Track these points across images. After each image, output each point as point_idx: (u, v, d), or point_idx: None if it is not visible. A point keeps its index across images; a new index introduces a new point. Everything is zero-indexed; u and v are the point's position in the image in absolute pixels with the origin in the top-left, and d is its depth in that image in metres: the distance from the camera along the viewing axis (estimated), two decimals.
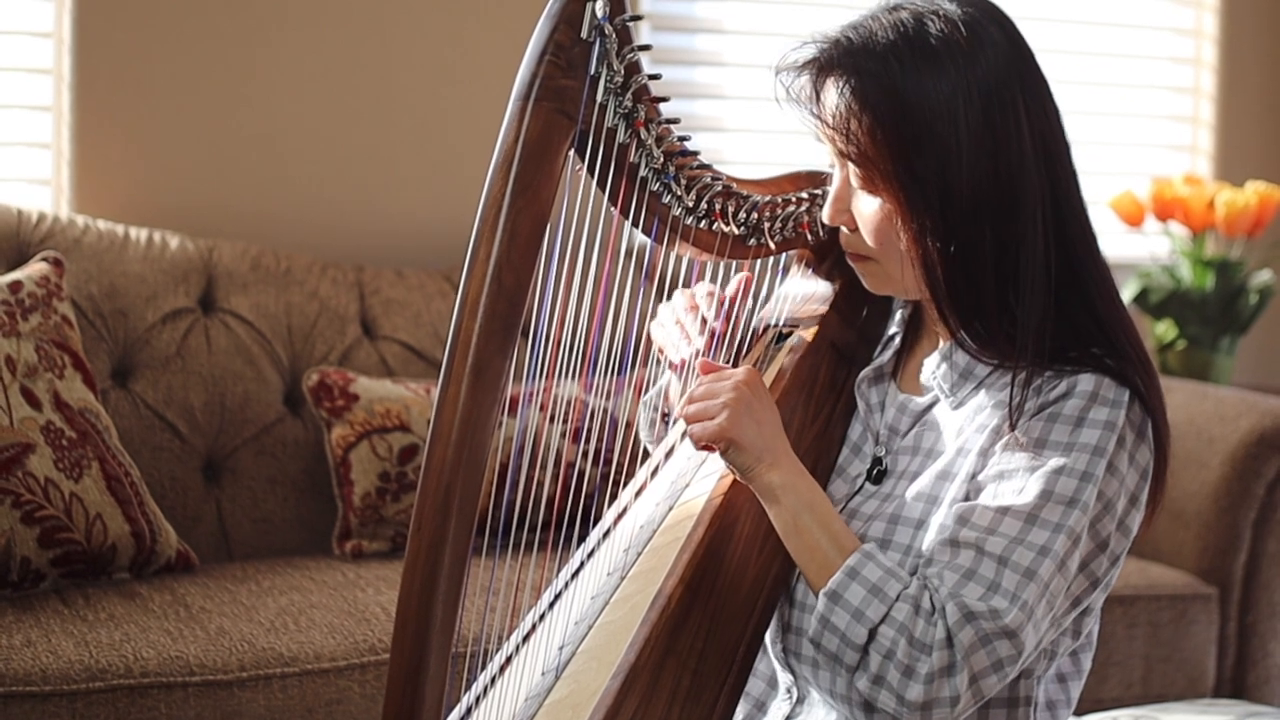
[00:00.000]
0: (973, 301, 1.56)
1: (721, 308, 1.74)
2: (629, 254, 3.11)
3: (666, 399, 1.85)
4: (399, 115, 3.27)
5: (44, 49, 3.04)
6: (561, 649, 1.59)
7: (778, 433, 1.56)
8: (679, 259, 1.72)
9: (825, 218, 1.63)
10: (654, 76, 1.55)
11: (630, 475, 1.80)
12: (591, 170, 1.53)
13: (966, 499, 1.54)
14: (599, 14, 1.48)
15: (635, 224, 1.61)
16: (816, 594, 1.51)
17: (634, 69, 1.52)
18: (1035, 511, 1.49)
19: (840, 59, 1.55)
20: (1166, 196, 3.64)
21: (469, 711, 1.60)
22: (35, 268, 2.67)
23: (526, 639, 1.65)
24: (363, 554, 2.80)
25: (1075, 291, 1.56)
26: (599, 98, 1.50)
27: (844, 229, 1.62)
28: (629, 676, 1.50)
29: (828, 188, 1.64)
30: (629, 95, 1.53)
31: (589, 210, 1.55)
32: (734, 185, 1.67)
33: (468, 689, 1.64)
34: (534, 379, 2.62)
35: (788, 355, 1.72)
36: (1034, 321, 1.54)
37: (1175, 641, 2.98)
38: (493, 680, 1.62)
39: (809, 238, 1.74)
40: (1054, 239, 1.55)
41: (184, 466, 2.84)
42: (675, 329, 1.76)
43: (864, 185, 1.58)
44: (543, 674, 1.57)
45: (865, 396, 1.70)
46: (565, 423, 2.85)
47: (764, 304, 1.82)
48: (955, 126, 1.51)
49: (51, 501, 2.46)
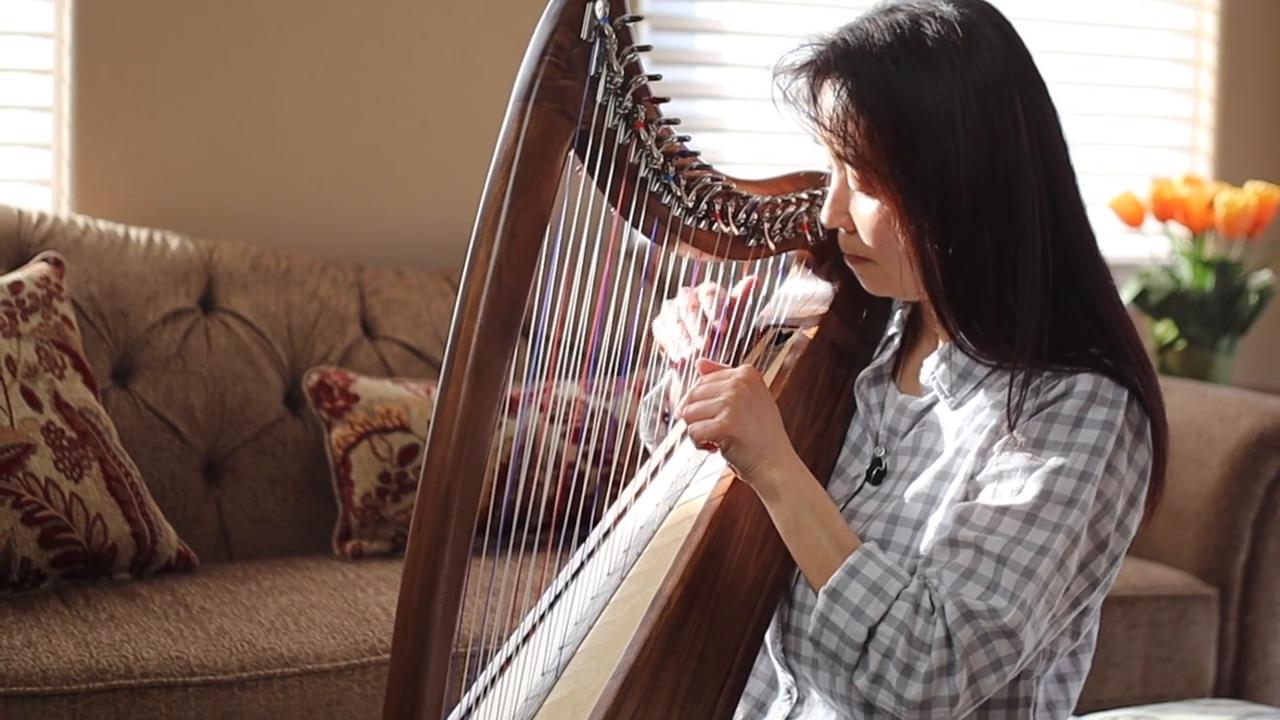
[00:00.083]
0: (971, 302, 1.56)
1: (723, 307, 1.74)
2: (629, 254, 3.11)
3: (667, 399, 1.85)
4: (399, 115, 3.27)
5: (44, 49, 3.04)
6: (561, 649, 1.59)
7: (778, 431, 1.56)
8: (679, 259, 1.72)
9: (823, 219, 1.63)
10: (654, 77, 1.55)
11: (630, 476, 1.80)
12: (591, 171, 1.53)
13: (965, 499, 1.54)
14: (599, 15, 1.48)
15: (635, 224, 1.61)
16: (816, 592, 1.51)
17: (634, 69, 1.52)
18: (1034, 511, 1.49)
19: (837, 61, 1.55)
20: (1166, 197, 3.64)
21: (469, 712, 1.60)
22: (36, 268, 2.67)
23: (526, 639, 1.65)
24: (363, 554, 2.80)
25: (1074, 292, 1.56)
26: (599, 98, 1.50)
27: (842, 231, 1.63)
28: (629, 677, 1.50)
29: (827, 189, 1.64)
30: (629, 96, 1.53)
31: (589, 211, 1.55)
32: (734, 186, 1.66)
33: (468, 689, 1.64)
34: (534, 379, 2.62)
35: (788, 356, 1.72)
36: (1032, 322, 1.54)
37: (1175, 642, 2.98)
38: (493, 680, 1.62)
39: (809, 238, 1.74)
40: (1052, 239, 1.55)
41: (184, 467, 2.84)
42: (677, 327, 1.76)
43: (862, 187, 1.58)
44: (543, 674, 1.57)
45: (865, 397, 1.70)
46: (565, 423, 2.85)
47: (764, 304, 1.82)
48: (952, 127, 1.51)
49: (52, 502, 2.46)
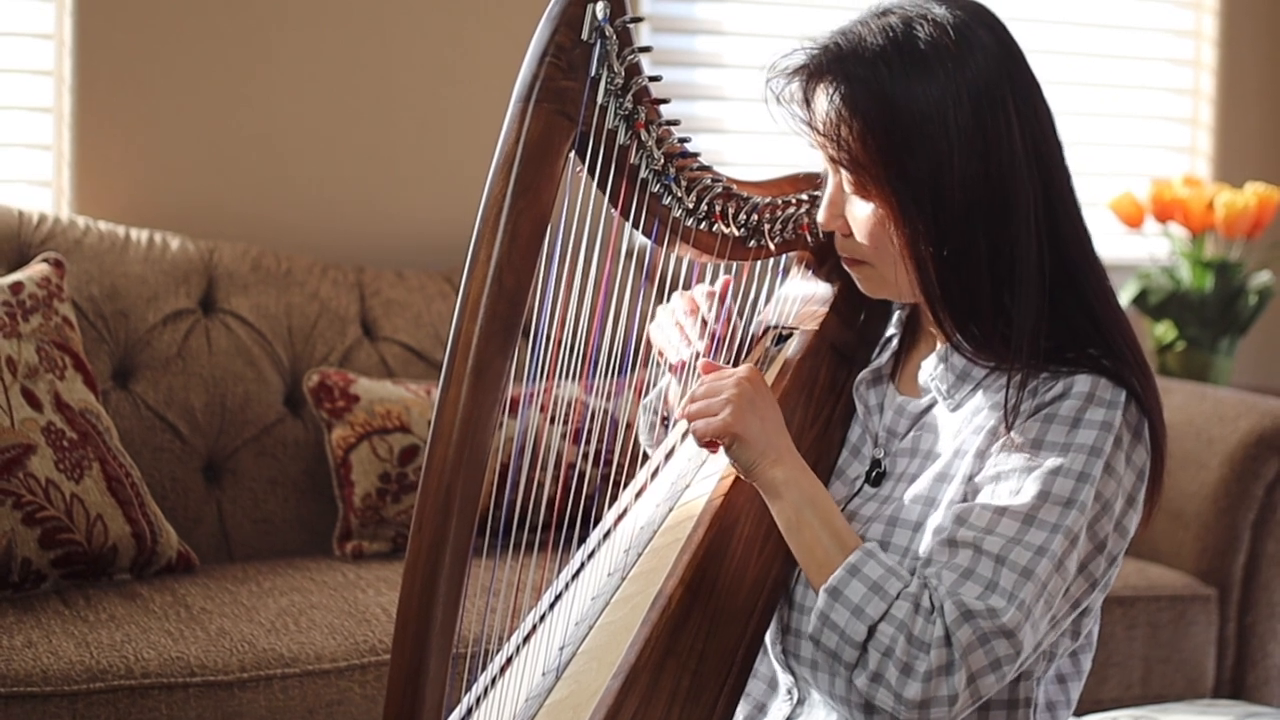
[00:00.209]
0: (967, 304, 1.56)
1: (722, 308, 1.74)
2: (629, 255, 3.11)
3: (666, 402, 1.85)
4: (399, 116, 3.28)
5: (45, 50, 3.04)
6: (562, 649, 1.59)
7: (780, 429, 1.56)
8: (679, 260, 1.72)
9: (819, 223, 1.63)
10: (654, 78, 1.55)
11: (630, 476, 1.80)
12: (592, 172, 1.53)
13: (964, 500, 1.54)
14: (599, 16, 1.48)
15: (635, 225, 1.61)
16: (817, 590, 1.51)
17: (634, 71, 1.53)
18: (1033, 512, 1.49)
19: (829, 65, 1.55)
20: (1166, 198, 3.64)
21: (469, 712, 1.60)
22: (36, 269, 2.67)
23: (527, 640, 1.65)
24: (363, 555, 2.80)
25: (1070, 292, 1.56)
26: (599, 99, 1.50)
27: (838, 233, 1.63)
28: (629, 677, 1.50)
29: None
30: (629, 97, 1.53)
31: (589, 212, 1.55)
32: (734, 187, 1.67)
33: (468, 690, 1.64)
34: (534, 380, 2.62)
35: (787, 357, 1.72)
36: (1028, 323, 1.54)
37: (1175, 642, 2.98)
38: (493, 681, 1.62)
39: (809, 239, 1.74)
40: (1047, 240, 1.55)
41: (185, 467, 2.84)
42: (674, 331, 1.76)
43: (856, 190, 1.58)
44: (543, 674, 1.57)
45: (864, 399, 1.70)
46: (566, 424, 2.85)
47: (764, 306, 1.82)
48: (945, 130, 1.51)
49: (52, 502, 2.47)
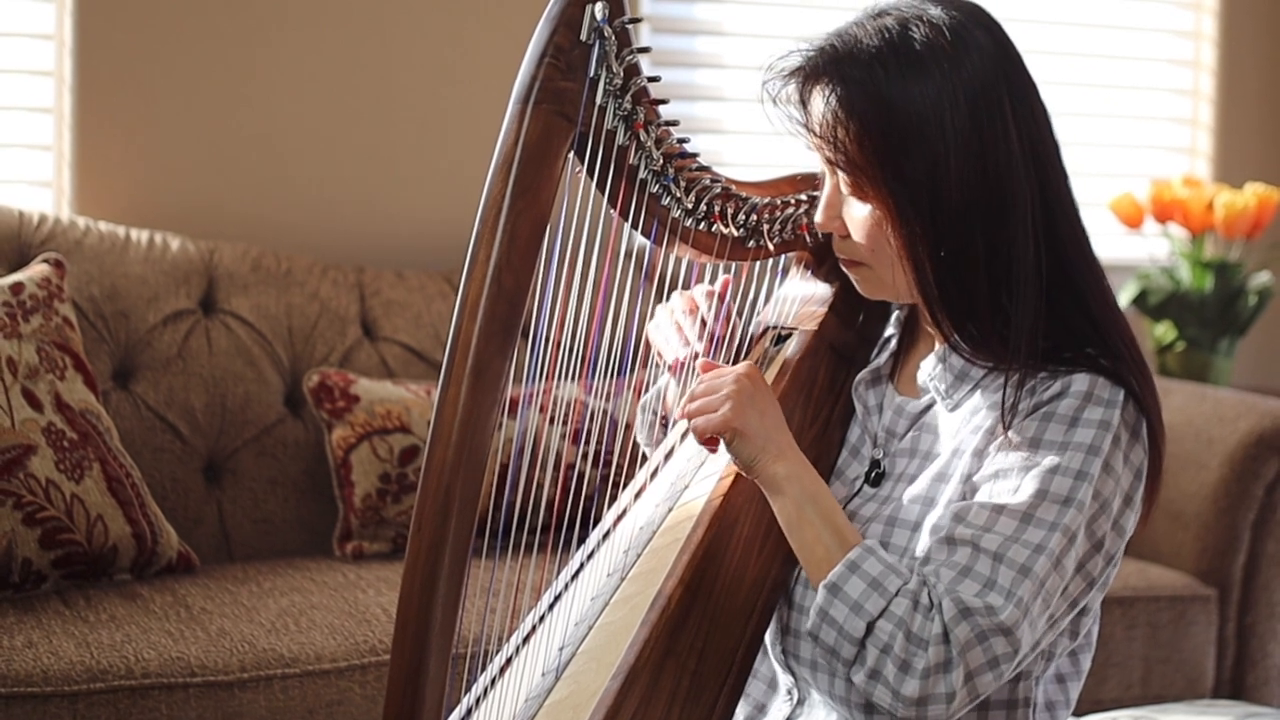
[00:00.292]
0: (965, 304, 1.56)
1: (721, 308, 1.74)
2: (629, 256, 3.11)
3: (664, 403, 1.85)
4: (399, 116, 3.28)
5: (45, 51, 3.04)
6: (561, 650, 1.59)
7: (781, 425, 1.56)
8: (678, 261, 1.72)
9: (817, 224, 1.63)
10: (653, 79, 1.55)
11: (630, 477, 1.80)
12: (591, 172, 1.53)
13: (963, 500, 1.54)
14: (598, 16, 1.48)
15: (635, 226, 1.61)
16: (816, 586, 1.51)
17: (633, 71, 1.52)
18: (1031, 510, 1.49)
19: (825, 67, 1.55)
20: (1166, 198, 3.64)
21: (469, 713, 1.60)
22: (36, 269, 2.67)
23: (526, 640, 1.65)
24: (363, 555, 2.80)
25: (1068, 292, 1.56)
26: (598, 100, 1.50)
27: (836, 235, 1.63)
28: (629, 677, 1.50)
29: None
30: (628, 97, 1.53)
31: (588, 212, 1.55)
32: (733, 187, 1.67)
33: (468, 690, 1.64)
34: (534, 380, 2.62)
35: (787, 357, 1.72)
36: (1026, 323, 1.54)
37: (1174, 642, 2.99)
38: (493, 681, 1.62)
39: (808, 240, 1.74)
40: (1045, 240, 1.55)
41: (185, 468, 2.84)
42: (673, 331, 1.76)
43: (853, 192, 1.58)
44: (543, 675, 1.57)
45: (863, 399, 1.70)
46: (565, 424, 2.86)
47: (763, 306, 1.82)
48: (942, 130, 1.51)
49: (53, 503, 2.47)
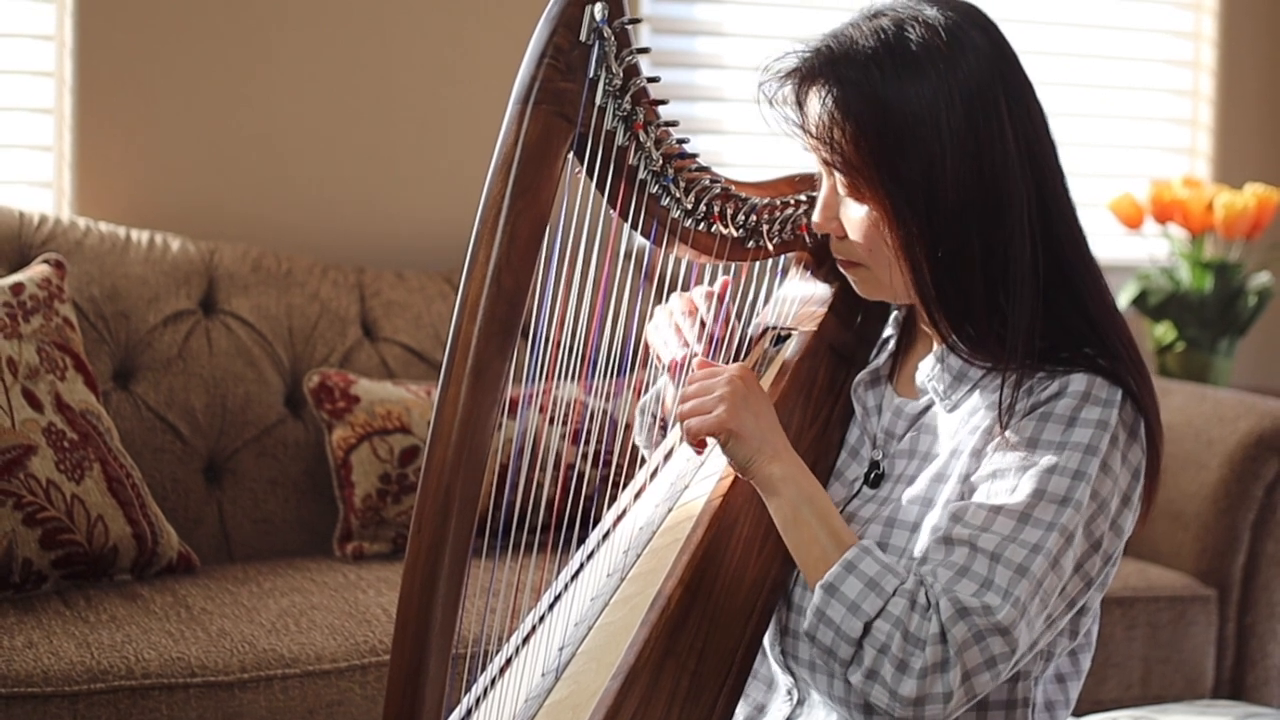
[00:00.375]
0: (962, 305, 1.56)
1: (720, 309, 1.74)
2: (628, 256, 3.11)
3: (663, 405, 1.85)
4: (399, 116, 3.28)
5: (45, 52, 3.04)
6: (561, 650, 1.59)
7: (775, 425, 1.56)
8: (678, 261, 1.73)
9: (814, 225, 1.63)
10: (652, 79, 1.55)
11: (630, 477, 1.80)
12: (590, 173, 1.53)
13: (961, 499, 1.54)
14: (597, 17, 1.48)
15: (634, 226, 1.61)
16: (813, 587, 1.51)
17: (632, 72, 1.52)
18: (1028, 510, 1.49)
19: (821, 68, 1.55)
20: (1165, 199, 3.64)
21: (469, 713, 1.60)
22: (37, 270, 2.67)
23: (526, 640, 1.65)
24: (364, 555, 2.80)
25: (1065, 292, 1.57)
26: (598, 100, 1.50)
27: (834, 236, 1.63)
28: (628, 677, 1.50)
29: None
30: (628, 98, 1.53)
31: (588, 213, 1.55)
32: (732, 188, 1.67)
33: (468, 690, 1.64)
34: (534, 381, 2.62)
35: (786, 357, 1.72)
36: (1023, 323, 1.54)
37: (1174, 643, 2.99)
38: (493, 681, 1.62)
39: (807, 240, 1.74)
40: (1041, 240, 1.55)
41: (185, 468, 2.85)
42: (672, 332, 1.76)
43: (850, 193, 1.58)
44: (543, 675, 1.58)
45: (862, 400, 1.70)
46: (565, 424, 2.86)
47: (762, 307, 1.82)
48: (938, 131, 1.51)
49: (53, 503, 2.47)
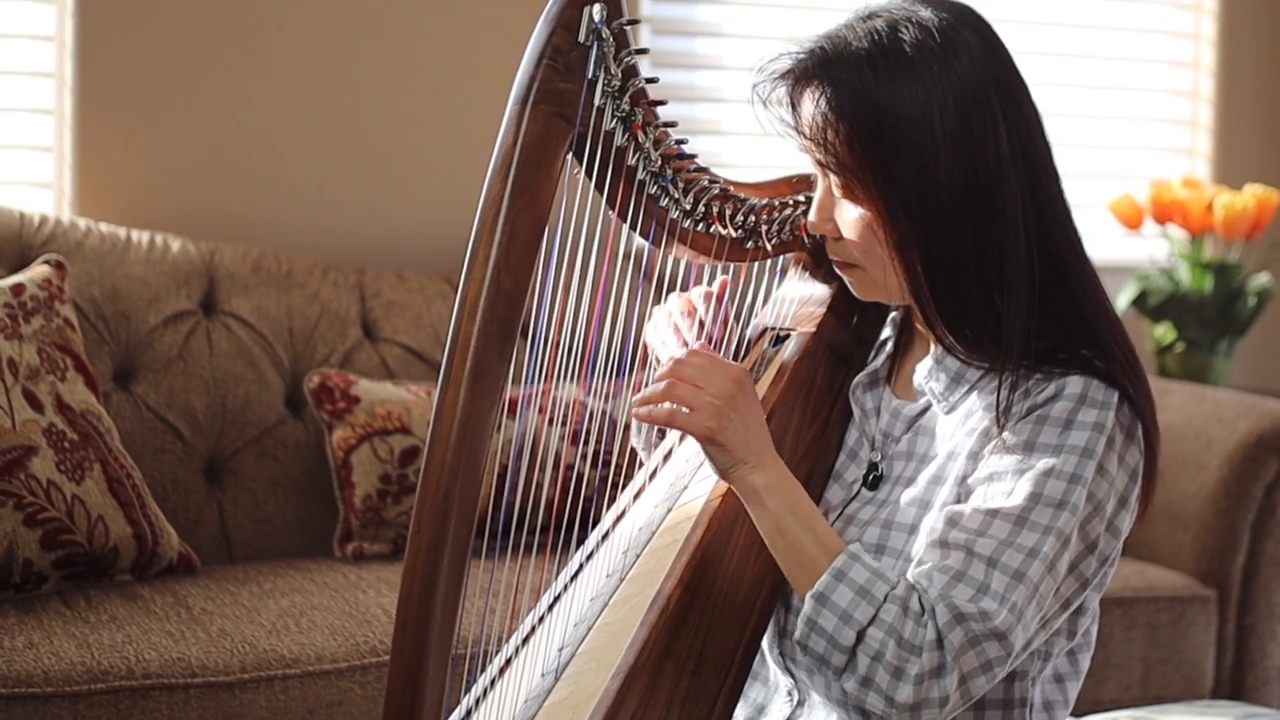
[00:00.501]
0: (957, 306, 1.55)
1: (719, 309, 1.75)
2: (627, 256, 3.11)
3: None
4: (399, 116, 3.28)
5: (46, 52, 3.05)
6: (561, 650, 1.59)
7: (763, 435, 1.54)
8: (677, 262, 1.73)
9: (809, 226, 1.63)
10: (651, 80, 1.55)
11: (629, 477, 1.80)
12: (589, 173, 1.53)
13: (957, 502, 1.54)
14: (596, 18, 1.48)
15: (633, 227, 1.61)
16: (803, 597, 1.50)
17: (631, 72, 1.53)
18: (1024, 514, 1.49)
19: (815, 69, 1.55)
20: (1165, 199, 3.64)
21: (469, 713, 1.60)
22: (37, 270, 2.68)
23: (526, 641, 1.65)
24: (364, 556, 2.80)
25: (1061, 294, 1.56)
26: (597, 101, 1.50)
27: (829, 237, 1.63)
28: (628, 678, 1.50)
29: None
30: (626, 98, 1.53)
31: (587, 213, 1.55)
32: (731, 188, 1.67)
33: (467, 691, 1.64)
34: (533, 381, 2.62)
35: (785, 358, 1.72)
36: (1019, 324, 1.53)
37: (1174, 643, 2.99)
38: (492, 682, 1.62)
39: (805, 241, 1.74)
40: (1036, 241, 1.55)
41: (186, 468, 2.85)
42: (670, 332, 1.76)
43: (845, 194, 1.58)
44: (542, 675, 1.58)
45: (860, 402, 1.70)
46: (564, 425, 2.86)
47: (761, 307, 1.82)
48: (931, 132, 1.51)
49: (54, 504, 2.47)
